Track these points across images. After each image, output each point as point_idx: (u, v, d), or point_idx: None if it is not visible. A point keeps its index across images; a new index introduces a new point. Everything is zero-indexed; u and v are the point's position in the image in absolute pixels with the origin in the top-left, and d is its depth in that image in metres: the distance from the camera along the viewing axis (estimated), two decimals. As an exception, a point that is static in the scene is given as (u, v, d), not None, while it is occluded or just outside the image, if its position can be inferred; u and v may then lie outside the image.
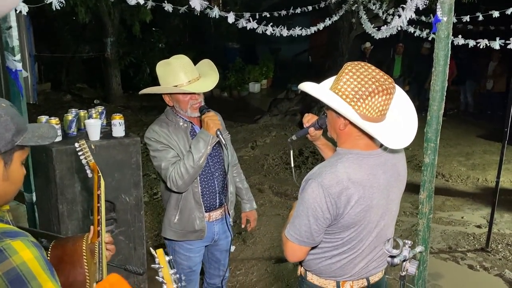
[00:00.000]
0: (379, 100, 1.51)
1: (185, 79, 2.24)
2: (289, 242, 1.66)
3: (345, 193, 1.55)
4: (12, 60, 3.00)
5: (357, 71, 1.52)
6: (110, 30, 10.49)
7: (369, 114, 1.52)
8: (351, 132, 1.60)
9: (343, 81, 1.54)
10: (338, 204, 1.56)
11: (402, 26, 2.70)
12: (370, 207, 1.61)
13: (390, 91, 1.52)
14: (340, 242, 1.66)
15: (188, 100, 2.28)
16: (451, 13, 2.17)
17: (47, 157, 2.55)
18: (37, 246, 1.11)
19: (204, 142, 2.22)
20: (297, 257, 1.70)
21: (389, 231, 1.76)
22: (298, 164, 6.55)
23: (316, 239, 1.63)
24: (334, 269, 1.71)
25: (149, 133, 2.32)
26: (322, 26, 5.91)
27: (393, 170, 1.69)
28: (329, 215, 1.57)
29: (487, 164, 6.77)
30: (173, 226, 2.41)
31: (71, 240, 1.47)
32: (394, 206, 1.74)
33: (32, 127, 1.23)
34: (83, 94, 11.58)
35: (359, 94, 1.50)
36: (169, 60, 2.30)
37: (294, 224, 1.63)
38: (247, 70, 12.92)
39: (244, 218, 2.73)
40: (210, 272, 2.68)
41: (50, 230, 2.68)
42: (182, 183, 2.24)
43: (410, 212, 4.96)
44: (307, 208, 1.58)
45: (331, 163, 1.61)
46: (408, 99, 1.68)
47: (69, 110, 2.79)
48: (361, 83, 1.50)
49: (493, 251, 4.18)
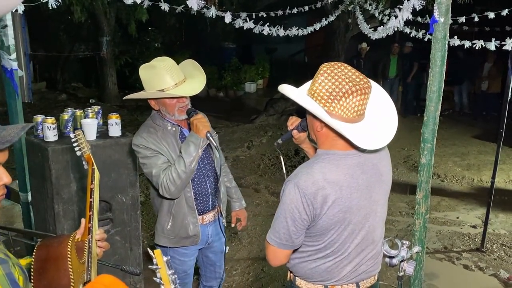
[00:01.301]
0: (354, 101, 1.50)
1: (171, 82, 2.17)
2: (269, 246, 1.65)
3: (321, 193, 1.54)
4: (7, 59, 2.98)
5: (332, 72, 1.52)
6: (106, 29, 10.47)
7: (344, 115, 1.52)
8: (328, 134, 1.59)
9: (318, 82, 1.54)
10: (314, 205, 1.55)
11: (398, 26, 2.71)
12: (349, 207, 1.59)
13: (366, 91, 1.51)
14: (322, 245, 1.65)
15: (175, 103, 2.22)
16: (448, 14, 2.18)
17: (42, 156, 2.54)
18: (3, 262, 1.05)
19: (195, 146, 2.16)
20: (278, 260, 1.68)
21: (377, 233, 1.72)
22: (294, 164, 6.55)
23: (295, 241, 1.62)
24: (320, 272, 1.69)
25: (137, 139, 2.24)
26: (318, 26, 5.91)
27: (374, 170, 1.66)
28: (306, 216, 1.56)
29: (482, 165, 6.80)
30: (166, 233, 2.34)
31: (56, 241, 1.42)
32: (379, 207, 1.71)
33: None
34: (79, 93, 11.55)
35: (333, 95, 1.50)
36: (153, 63, 2.21)
37: (273, 227, 1.63)
38: (243, 70, 12.91)
39: (234, 217, 2.69)
40: (206, 276, 2.64)
41: (46, 230, 2.67)
42: (174, 189, 2.18)
43: (406, 212, 4.98)
44: (285, 210, 1.58)
45: (308, 164, 1.62)
46: (389, 99, 1.68)
47: (65, 110, 2.78)
48: (335, 84, 1.50)
49: (488, 251, 4.20)
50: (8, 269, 1.06)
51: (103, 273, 1.57)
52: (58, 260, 1.33)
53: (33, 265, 1.31)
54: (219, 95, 12.12)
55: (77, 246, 1.41)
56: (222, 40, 13.80)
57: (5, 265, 1.05)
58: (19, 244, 3.16)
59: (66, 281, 1.31)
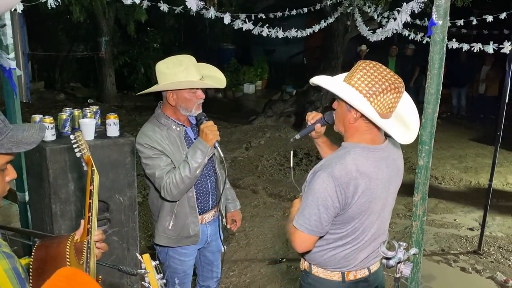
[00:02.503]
0: (390, 98, 1.58)
1: (197, 76, 2.20)
2: (298, 232, 1.69)
3: (353, 183, 1.62)
4: (6, 58, 2.97)
5: (371, 69, 1.60)
6: (104, 30, 10.46)
7: (379, 110, 1.60)
8: (359, 126, 1.67)
9: (357, 77, 1.61)
10: (347, 194, 1.63)
11: (397, 29, 2.71)
12: (374, 198, 1.69)
13: (400, 90, 1.61)
14: (345, 232, 1.72)
15: (195, 99, 2.22)
16: (446, 17, 2.18)
17: (40, 156, 2.53)
18: (10, 257, 1.06)
19: (202, 153, 2.16)
20: (306, 246, 1.73)
21: (387, 223, 1.85)
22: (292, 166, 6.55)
23: (325, 228, 1.69)
24: (339, 259, 1.77)
25: (141, 138, 2.22)
26: (317, 28, 5.92)
27: (394, 165, 1.77)
28: (338, 204, 1.64)
29: (479, 167, 6.81)
30: (167, 232, 2.34)
31: (55, 241, 1.41)
32: (392, 199, 1.82)
33: (16, 129, 1.15)
34: (77, 93, 11.52)
35: (372, 90, 1.57)
36: (179, 57, 2.23)
37: (303, 214, 1.68)
38: (242, 71, 12.91)
39: (230, 218, 2.68)
40: (203, 275, 2.64)
41: (43, 230, 2.66)
42: (177, 192, 2.18)
43: (403, 214, 4.98)
44: (317, 198, 1.64)
45: (340, 155, 1.68)
46: (410, 99, 1.76)
47: (63, 109, 2.77)
48: (375, 80, 1.58)
49: (485, 253, 4.21)
50: (14, 264, 1.07)
51: (101, 273, 1.57)
52: (57, 261, 1.32)
53: (32, 265, 1.31)
54: (217, 95, 12.11)
55: (76, 247, 1.40)
56: (221, 41, 13.80)
57: (12, 260, 1.06)
58: (16, 243, 3.15)
59: None
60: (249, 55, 14.22)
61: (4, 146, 1.09)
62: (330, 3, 7.02)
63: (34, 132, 1.17)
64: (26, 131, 1.16)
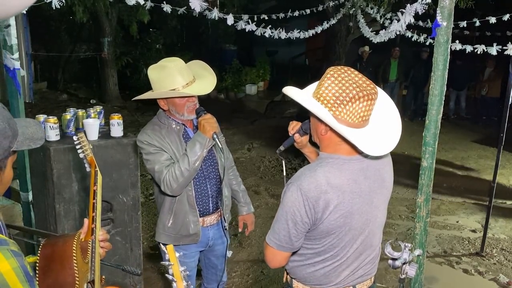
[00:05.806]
0: (360, 106, 1.48)
1: (182, 82, 2.18)
2: (268, 247, 1.65)
3: (323, 197, 1.52)
4: (10, 58, 2.98)
5: (339, 76, 1.50)
6: (107, 30, 10.48)
7: (350, 120, 1.50)
8: (332, 138, 1.57)
9: (324, 86, 1.52)
10: (316, 209, 1.53)
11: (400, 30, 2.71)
12: (351, 213, 1.57)
13: (372, 97, 1.50)
14: (321, 248, 1.63)
15: (185, 103, 2.23)
16: (450, 18, 2.19)
17: (44, 156, 2.54)
18: (18, 255, 1.08)
19: (200, 145, 2.17)
20: (277, 262, 1.67)
21: (376, 238, 1.72)
22: (294, 167, 6.55)
23: (295, 244, 1.61)
24: (318, 276, 1.68)
25: (141, 136, 2.27)
26: (319, 29, 5.92)
27: (377, 176, 1.64)
28: (307, 219, 1.55)
29: (482, 169, 6.80)
30: (167, 230, 2.35)
31: (61, 239, 1.43)
32: (379, 213, 1.69)
33: (20, 125, 1.19)
34: (79, 93, 11.55)
35: (339, 99, 1.48)
36: (163, 63, 2.21)
37: (273, 229, 1.62)
38: (244, 72, 12.92)
39: (241, 222, 2.68)
40: (208, 277, 2.65)
41: (46, 230, 2.66)
42: (176, 186, 2.18)
43: (406, 216, 4.97)
44: (286, 212, 1.56)
45: (311, 167, 1.60)
46: (393, 105, 1.66)
47: (67, 109, 2.78)
48: (342, 89, 1.48)
49: (487, 255, 4.20)
50: (23, 262, 1.08)
51: (105, 273, 1.58)
52: (64, 259, 1.34)
53: (38, 263, 1.33)
54: (219, 97, 12.12)
55: (81, 246, 1.43)
56: (223, 42, 13.83)
57: (20, 258, 1.08)
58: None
59: (71, 279, 1.32)
60: (251, 56, 14.24)
61: (25, 144, 1.14)
62: (332, 4, 7.03)
63: (34, 128, 1.21)
64: (29, 127, 1.20)
